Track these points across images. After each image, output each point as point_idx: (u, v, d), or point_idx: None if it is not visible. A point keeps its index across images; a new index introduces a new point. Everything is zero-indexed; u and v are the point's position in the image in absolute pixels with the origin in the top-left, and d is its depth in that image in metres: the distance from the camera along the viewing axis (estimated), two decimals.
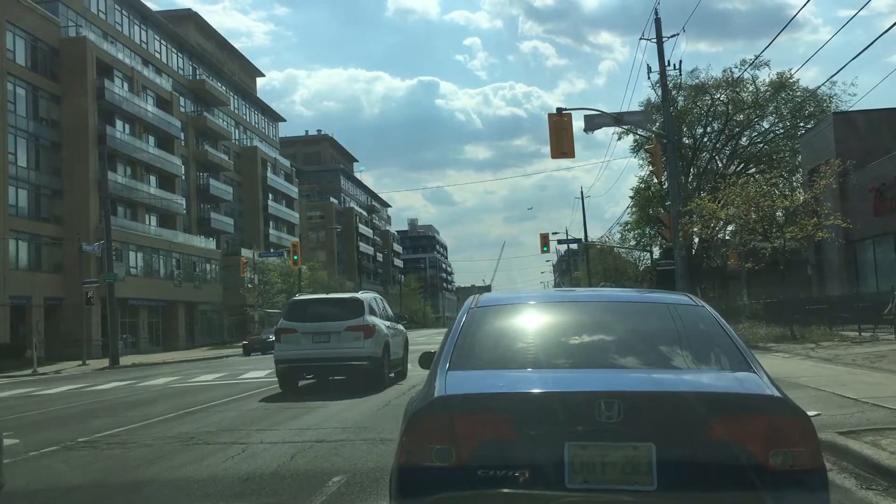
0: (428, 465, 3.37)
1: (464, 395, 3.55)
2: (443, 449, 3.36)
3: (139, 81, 58.39)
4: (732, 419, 3.37)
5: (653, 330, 4.27)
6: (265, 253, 63.77)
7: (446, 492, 3.31)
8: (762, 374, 3.75)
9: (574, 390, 3.52)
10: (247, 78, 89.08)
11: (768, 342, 23.71)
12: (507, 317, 4.44)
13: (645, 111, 30.13)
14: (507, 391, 3.61)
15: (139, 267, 56.15)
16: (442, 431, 3.40)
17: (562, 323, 4.40)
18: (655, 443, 3.29)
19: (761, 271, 35.24)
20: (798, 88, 48.97)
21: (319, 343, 15.94)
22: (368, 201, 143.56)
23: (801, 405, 3.59)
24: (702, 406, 3.39)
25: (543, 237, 55.57)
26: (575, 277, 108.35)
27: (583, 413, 3.34)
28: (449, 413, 3.45)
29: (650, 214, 54.00)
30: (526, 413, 3.41)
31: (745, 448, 3.29)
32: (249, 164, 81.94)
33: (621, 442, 3.32)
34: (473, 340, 4.12)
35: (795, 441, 3.34)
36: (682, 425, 3.36)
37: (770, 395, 3.52)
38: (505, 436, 3.36)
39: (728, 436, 3.31)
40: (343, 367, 16.07)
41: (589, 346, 4.10)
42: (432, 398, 3.58)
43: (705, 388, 3.68)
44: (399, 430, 3.73)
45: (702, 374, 3.86)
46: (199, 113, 71.03)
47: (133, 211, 57.25)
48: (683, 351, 4.03)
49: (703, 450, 3.30)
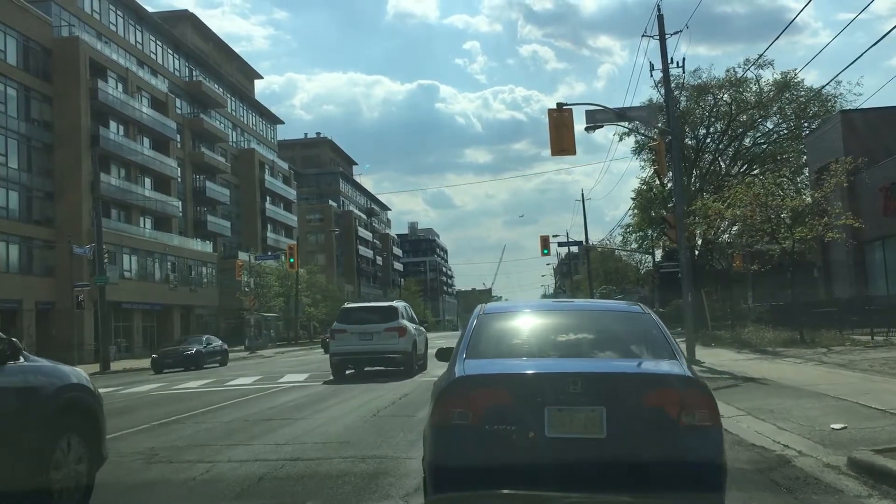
0: (452, 424, 4.76)
1: (476, 376, 5.02)
2: (462, 412, 4.74)
3: (134, 82, 57.57)
4: (658, 391, 4.84)
5: (610, 331, 5.83)
6: (262, 256, 62.94)
7: (465, 442, 4.68)
8: (682, 362, 5.19)
9: (551, 372, 4.98)
10: (244, 80, 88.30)
11: (777, 346, 22.86)
12: (505, 320, 6.04)
13: (649, 106, 29.30)
14: (505, 373, 5.06)
15: (133, 270, 55.28)
16: (461, 401, 4.78)
17: (545, 325, 5.97)
18: (606, 407, 4.68)
19: (766, 274, 34.40)
20: (802, 88, 48.19)
21: (364, 340, 20.73)
22: (368, 204, 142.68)
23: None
24: (637, 382, 4.97)
25: (544, 239, 54.73)
26: (576, 281, 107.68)
27: (557, 388, 4.75)
28: (466, 388, 4.89)
29: (652, 216, 53.18)
30: (518, 388, 4.85)
31: (665, 411, 4.70)
32: (247, 166, 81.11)
33: (582, 406, 4.70)
34: (481, 337, 5.58)
35: (699, 406, 4.73)
36: (625, 395, 4.79)
37: (684, 376, 4.94)
38: (504, 403, 4.74)
39: (655, 402, 4.73)
40: (382, 358, 20.88)
41: (563, 342, 5.67)
42: (454, 378, 5.02)
43: (641, 370, 5.23)
44: (429, 403, 5.31)
45: (640, 362, 5.38)
46: (195, 115, 70.21)
47: (127, 213, 56.40)
48: (629, 345, 5.57)
49: (637, 412, 4.71)
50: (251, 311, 56.19)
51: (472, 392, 4.84)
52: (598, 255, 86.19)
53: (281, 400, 15.38)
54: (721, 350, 23.78)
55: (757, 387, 13.81)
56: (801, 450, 8.02)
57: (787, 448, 8.18)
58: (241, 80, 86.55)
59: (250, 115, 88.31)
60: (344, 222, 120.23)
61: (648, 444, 4.65)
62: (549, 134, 20.19)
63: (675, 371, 5.03)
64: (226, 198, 73.92)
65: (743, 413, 10.71)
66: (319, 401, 14.86)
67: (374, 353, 20.78)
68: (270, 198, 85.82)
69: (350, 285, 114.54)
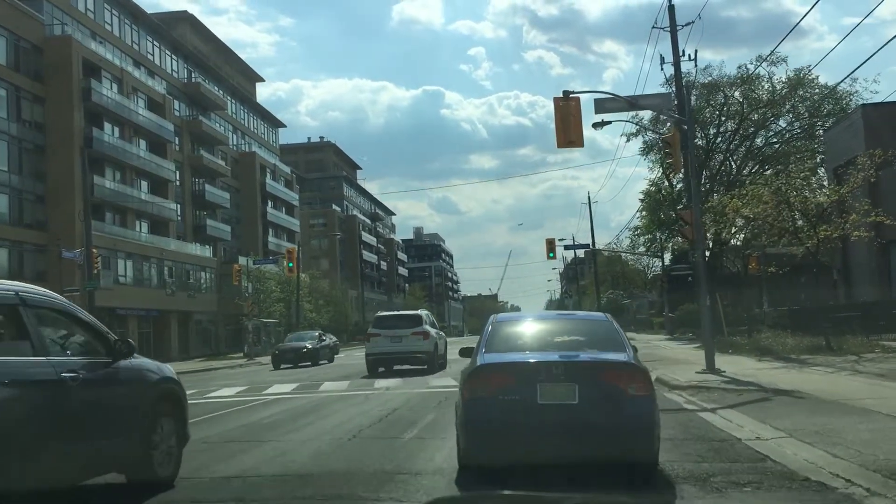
0: (476, 396, 7.09)
1: (491, 364, 7.45)
2: (482, 388, 7.11)
3: (129, 83, 56.19)
4: (611, 372, 7.26)
5: (582, 333, 8.32)
6: (260, 260, 61.37)
7: (485, 407, 6.97)
8: (630, 352, 7.64)
9: (541, 361, 7.36)
10: (246, 82, 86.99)
11: (801, 354, 21.21)
12: (511, 326, 8.56)
13: (663, 94, 27.65)
14: (510, 361, 7.50)
15: (129, 275, 53.84)
16: (481, 381, 7.19)
17: (538, 329, 8.54)
18: (577, 383, 7.00)
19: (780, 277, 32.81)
20: (816, 86, 46.55)
21: (395, 343, 24.42)
22: (372, 209, 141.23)
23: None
24: (598, 367, 7.39)
25: (549, 242, 53.12)
26: (582, 286, 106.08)
27: (545, 371, 7.13)
28: (485, 372, 7.30)
29: (661, 219, 51.56)
30: (519, 372, 7.23)
31: (616, 384, 7.08)
32: (248, 169, 79.72)
33: (562, 383, 7.02)
34: (494, 338, 8.04)
35: (638, 381, 7.11)
36: (590, 375, 7.17)
37: (629, 362, 7.40)
38: (510, 381, 7.12)
39: (609, 379, 7.15)
40: (409, 358, 24.40)
41: (550, 341, 8.09)
42: (476, 366, 7.45)
43: (600, 359, 7.58)
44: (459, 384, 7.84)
45: (600, 354, 7.69)
46: (194, 117, 68.83)
47: (122, 217, 54.97)
48: (595, 343, 7.95)
49: (598, 386, 7.07)
50: (249, 317, 54.65)
51: (489, 374, 7.25)
52: (605, 260, 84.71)
53: (256, 416, 13.84)
54: (741, 358, 22.16)
55: (792, 402, 12.21)
56: (870, 487, 6.45)
57: (851, 484, 6.61)
58: (242, 83, 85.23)
59: (251, 118, 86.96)
60: (348, 227, 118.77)
61: (606, 407, 6.95)
62: (554, 125, 18.67)
63: (622, 359, 7.46)
64: (226, 201, 72.51)
65: (784, 435, 9.13)
66: (299, 416, 13.33)
67: (403, 353, 24.46)
68: (272, 202, 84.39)
69: (354, 290, 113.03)
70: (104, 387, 6.75)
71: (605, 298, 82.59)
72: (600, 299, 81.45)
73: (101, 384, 6.70)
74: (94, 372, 6.61)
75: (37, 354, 6.02)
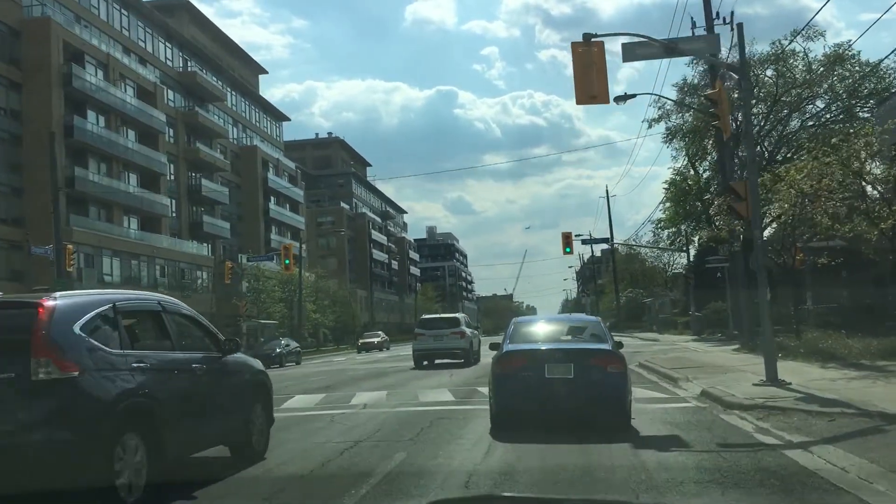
0: (503, 372, 10.62)
1: (513, 351, 11.00)
2: (507, 367, 10.68)
3: (116, 69, 52.73)
4: (596, 356, 10.74)
5: (578, 329, 12.21)
6: (255, 257, 57.75)
7: (508, 381, 10.57)
8: (611, 343, 11.15)
9: (547, 348, 10.93)
10: (248, 74, 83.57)
11: (877, 360, 17.37)
12: (527, 326, 12.40)
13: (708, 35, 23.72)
14: (526, 349, 11.03)
15: (115, 274, 50.35)
16: (506, 362, 10.74)
17: (546, 328, 12.30)
18: (573, 364, 10.38)
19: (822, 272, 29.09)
20: (857, 63, 42.54)
21: (437, 340, 28.70)
22: (383, 207, 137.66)
23: None
24: (587, 352, 10.98)
25: (566, 237, 49.28)
26: (599, 285, 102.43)
27: (550, 355, 10.62)
28: (508, 356, 10.86)
29: (686, 210, 47.63)
30: (533, 356, 10.77)
31: (600, 365, 10.52)
32: (249, 164, 76.30)
33: (562, 363, 10.41)
34: (515, 334, 11.65)
35: (616, 363, 10.57)
36: (581, 358, 10.62)
37: (609, 350, 10.93)
38: (526, 362, 10.63)
39: (595, 362, 10.58)
40: (449, 353, 28.36)
41: (554, 335, 11.81)
42: (502, 352, 11.03)
43: (589, 347, 11.20)
44: (491, 363, 11.26)
45: (589, 343, 11.39)
46: (190, 108, 65.40)
47: (108, 212, 51.51)
48: (586, 336, 11.75)
49: (587, 365, 10.48)
50: (245, 318, 51.10)
51: (511, 358, 10.84)
52: (622, 258, 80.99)
53: None
54: (798, 364, 18.33)
55: None
56: None
57: None
58: (245, 75, 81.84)
59: (253, 111, 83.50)
60: (357, 225, 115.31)
61: (592, 380, 10.33)
62: (573, 76, 14.90)
63: (604, 347, 11.05)
64: (225, 197, 69.11)
65: None
66: None
67: (443, 349, 28.56)
68: (275, 198, 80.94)
69: (363, 291, 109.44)
70: (218, 376, 8.48)
71: (623, 297, 78.60)
72: (619, 298, 77.53)
73: (216, 374, 8.45)
74: (210, 364, 8.36)
75: (174, 350, 7.93)
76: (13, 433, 6.08)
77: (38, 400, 6.18)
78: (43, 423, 6.13)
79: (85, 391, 6.42)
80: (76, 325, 6.63)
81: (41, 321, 6.41)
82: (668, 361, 22.87)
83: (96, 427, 6.33)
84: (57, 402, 6.22)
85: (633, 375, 13.07)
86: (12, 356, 6.30)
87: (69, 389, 6.27)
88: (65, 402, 6.25)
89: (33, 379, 6.17)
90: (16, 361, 6.25)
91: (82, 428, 6.26)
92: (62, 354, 6.33)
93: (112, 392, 6.65)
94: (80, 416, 6.31)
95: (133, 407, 6.82)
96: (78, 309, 6.84)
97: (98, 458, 6.28)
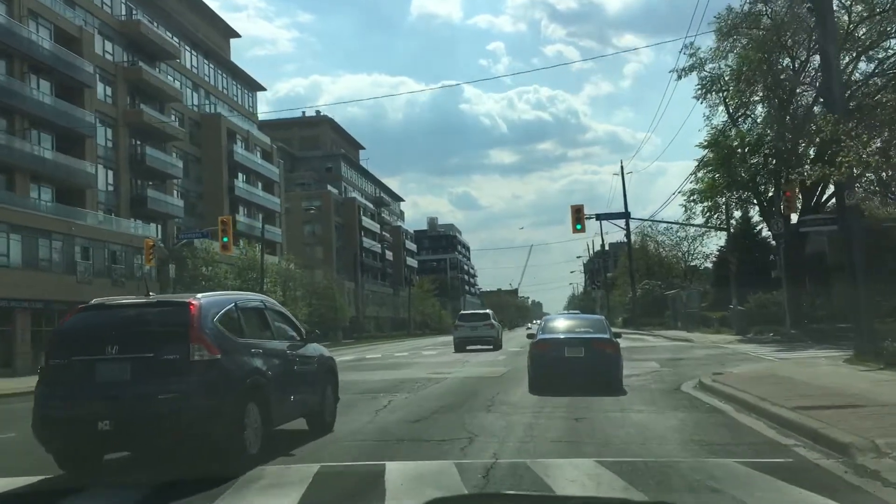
0: (538, 353, 16.57)
1: (543, 338, 17.06)
2: (540, 349, 16.62)
3: (24, 5, 42.93)
4: (600, 342, 16.39)
5: (588, 323, 18.62)
6: (186, 234, 47.66)
7: (541, 358, 16.41)
8: (609, 333, 17.13)
9: (566, 337, 16.93)
10: (215, 35, 73.66)
11: None
12: (554, 321, 19.10)
13: None
14: (552, 338, 17.00)
15: (15, 255, 40.52)
16: (539, 346, 16.77)
17: (567, 323, 18.79)
18: (584, 347, 16.19)
19: None
20: None
21: (474, 330, 37.73)
22: (377, 193, 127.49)
23: None
24: (593, 340, 16.46)
25: (576, 210, 39.25)
26: (609, 278, 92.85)
27: (569, 341, 16.59)
28: (541, 343, 16.87)
29: (729, 178, 37.58)
30: (556, 342, 16.68)
31: (603, 348, 16.19)
32: (212, 134, 66.41)
33: (577, 346, 16.28)
34: (545, 326, 18.35)
35: (612, 347, 16.27)
36: (591, 343, 16.31)
37: (609, 338, 16.66)
38: (551, 346, 16.57)
39: (598, 346, 16.26)
40: (482, 340, 37.00)
41: (572, 328, 17.85)
42: (536, 339, 17.16)
43: (595, 336, 16.69)
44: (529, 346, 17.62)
45: (595, 334, 16.90)
46: (132, 62, 55.52)
47: (9, 178, 41.71)
48: (594, 328, 17.52)
49: (595, 348, 16.16)
50: None
51: (542, 343, 16.52)
52: (635, 251, 71.46)
53: None
54: None
55: None
56: None
57: None
58: (211, 35, 71.93)
59: (220, 76, 73.46)
60: (346, 212, 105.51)
61: (599, 358, 15.75)
62: None
63: (606, 336, 16.50)
64: (177, 170, 59.32)
65: None
66: None
67: (478, 337, 37.26)
68: (244, 175, 71.12)
69: (351, 282, 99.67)
70: (302, 360, 10.78)
71: (639, 290, 68.60)
72: (635, 290, 67.55)
73: (301, 358, 10.78)
74: (297, 350, 10.75)
75: (273, 339, 10.24)
76: (177, 399, 8.17)
77: (194, 375, 8.39)
78: (198, 393, 8.31)
79: (225, 369, 8.65)
80: (215, 318, 8.89)
81: (193, 316, 8.58)
82: (764, 387, 12.89)
83: (233, 396, 8.59)
84: (207, 377, 8.43)
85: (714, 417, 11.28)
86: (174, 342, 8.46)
87: (215, 368, 8.52)
88: (212, 377, 8.47)
89: (191, 360, 8.39)
90: (176, 346, 8.43)
91: (225, 396, 8.47)
92: (210, 341, 8.59)
93: (241, 371, 8.96)
94: (222, 387, 8.51)
95: (254, 383, 9.10)
96: (214, 306, 9.16)
97: (235, 419, 8.52)
